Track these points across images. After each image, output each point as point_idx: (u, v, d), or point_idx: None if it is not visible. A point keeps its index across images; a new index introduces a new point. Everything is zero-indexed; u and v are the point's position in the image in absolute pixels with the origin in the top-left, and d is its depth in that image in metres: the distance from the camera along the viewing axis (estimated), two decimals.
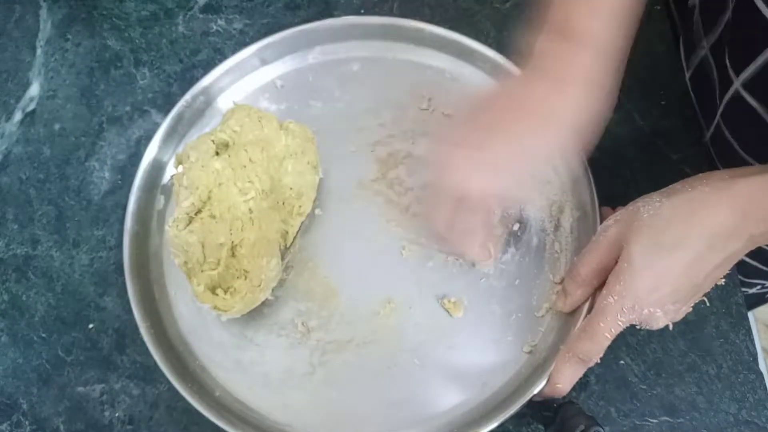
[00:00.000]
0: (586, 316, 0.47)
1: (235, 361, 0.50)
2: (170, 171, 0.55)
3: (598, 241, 0.44)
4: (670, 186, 0.44)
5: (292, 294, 0.52)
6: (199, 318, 0.51)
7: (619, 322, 0.42)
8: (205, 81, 0.56)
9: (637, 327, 0.44)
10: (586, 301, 0.47)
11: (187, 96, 0.56)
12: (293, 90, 0.58)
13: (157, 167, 0.55)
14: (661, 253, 0.41)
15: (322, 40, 0.59)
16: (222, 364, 0.50)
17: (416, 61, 0.59)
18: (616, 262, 0.43)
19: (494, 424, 0.45)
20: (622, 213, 0.44)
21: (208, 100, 0.57)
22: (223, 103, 0.58)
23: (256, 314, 0.50)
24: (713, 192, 0.41)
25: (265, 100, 0.58)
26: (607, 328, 0.42)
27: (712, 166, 0.57)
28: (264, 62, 0.59)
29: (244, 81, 0.58)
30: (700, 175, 0.44)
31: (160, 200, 0.55)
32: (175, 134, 0.56)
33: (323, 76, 0.59)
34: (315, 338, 0.50)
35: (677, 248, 0.41)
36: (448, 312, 0.51)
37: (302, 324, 0.51)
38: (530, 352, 0.49)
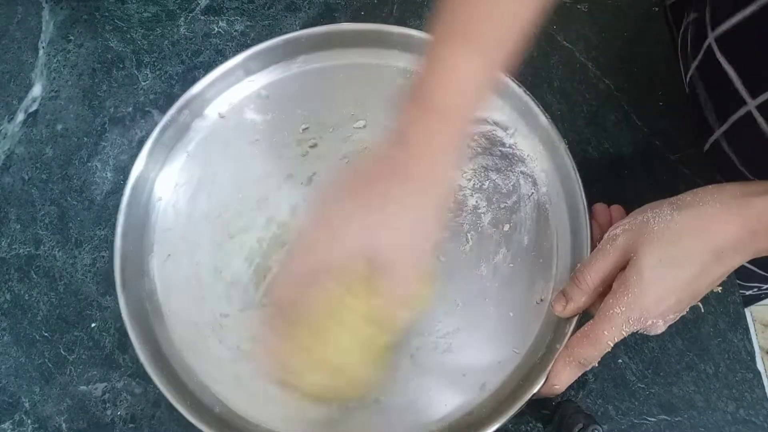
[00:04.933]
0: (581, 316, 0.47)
1: (234, 375, 0.49)
2: (159, 187, 0.55)
3: (606, 250, 0.44)
4: (680, 196, 0.44)
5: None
6: (195, 332, 0.50)
7: (623, 332, 0.42)
8: (190, 93, 0.55)
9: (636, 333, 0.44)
10: (585, 307, 0.46)
11: (172, 110, 0.55)
12: (278, 100, 0.58)
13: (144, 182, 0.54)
14: (671, 267, 0.41)
15: (306, 49, 0.58)
16: (220, 379, 0.49)
17: (403, 67, 0.58)
18: (622, 269, 0.43)
19: (495, 426, 0.45)
20: (630, 222, 0.44)
21: (193, 112, 0.57)
22: (210, 114, 0.57)
23: (251, 326, 0.50)
24: (725, 209, 0.42)
25: (251, 110, 0.58)
26: (611, 336, 0.42)
27: (711, 166, 0.58)
28: (248, 72, 0.58)
29: (229, 93, 0.58)
30: (711, 187, 0.44)
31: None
32: (164, 147, 0.55)
33: (308, 84, 0.58)
34: None
35: (686, 262, 0.41)
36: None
37: None
38: (527, 352, 0.49)
